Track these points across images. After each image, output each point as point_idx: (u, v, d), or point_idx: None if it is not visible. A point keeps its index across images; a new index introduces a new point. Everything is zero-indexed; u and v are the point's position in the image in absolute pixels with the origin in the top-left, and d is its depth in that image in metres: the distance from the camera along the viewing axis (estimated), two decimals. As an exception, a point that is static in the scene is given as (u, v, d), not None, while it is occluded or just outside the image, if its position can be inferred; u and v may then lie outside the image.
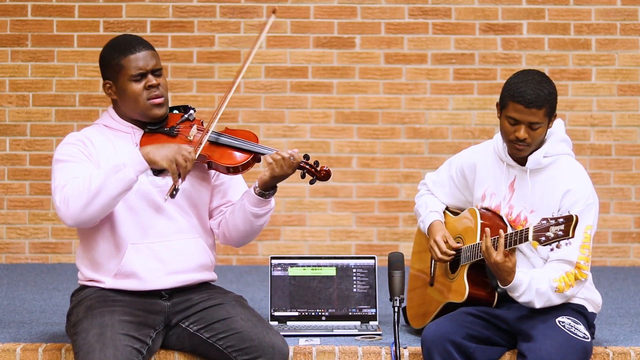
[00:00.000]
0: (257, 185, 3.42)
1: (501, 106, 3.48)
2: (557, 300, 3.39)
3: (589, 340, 3.38)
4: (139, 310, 3.33)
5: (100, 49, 3.60)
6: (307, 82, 6.31)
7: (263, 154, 3.42)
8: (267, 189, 3.40)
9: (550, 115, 3.46)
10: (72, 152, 3.36)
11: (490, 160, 3.65)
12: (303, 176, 3.44)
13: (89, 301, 3.34)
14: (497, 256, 3.30)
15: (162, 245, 3.39)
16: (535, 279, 3.35)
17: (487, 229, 3.37)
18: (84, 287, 3.46)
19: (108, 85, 3.47)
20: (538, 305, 3.37)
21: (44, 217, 6.27)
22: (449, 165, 3.83)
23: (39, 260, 6.25)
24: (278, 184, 3.44)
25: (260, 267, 6.04)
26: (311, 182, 3.44)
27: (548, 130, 3.51)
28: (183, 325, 3.41)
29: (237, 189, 3.56)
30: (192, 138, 3.42)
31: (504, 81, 3.53)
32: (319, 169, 3.42)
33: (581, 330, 3.39)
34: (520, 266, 3.51)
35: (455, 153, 3.92)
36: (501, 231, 3.35)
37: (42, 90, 6.30)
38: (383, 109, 6.32)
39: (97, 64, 6.18)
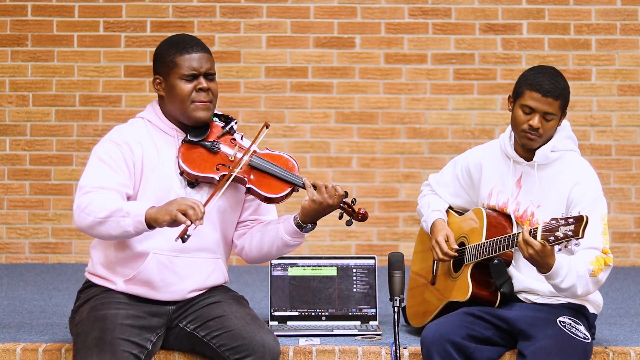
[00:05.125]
0: (298, 215, 3.39)
1: (515, 96, 3.51)
2: (592, 288, 3.37)
3: (589, 340, 3.38)
4: (142, 313, 3.32)
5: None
6: (307, 82, 6.31)
7: (303, 187, 3.37)
8: (306, 222, 3.38)
9: (563, 110, 3.49)
10: (114, 155, 3.32)
11: (497, 159, 3.66)
12: (341, 216, 3.43)
13: (94, 301, 3.33)
14: (536, 245, 3.22)
15: (184, 261, 3.37)
16: (573, 261, 3.32)
17: (526, 226, 3.35)
18: (92, 285, 3.43)
19: (158, 80, 3.41)
20: (580, 290, 3.33)
21: (44, 217, 6.27)
22: (453, 165, 3.83)
23: (39, 260, 6.25)
24: (318, 222, 3.41)
25: (260, 267, 6.03)
26: (348, 224, 3.43)
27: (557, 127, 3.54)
28: (181, 325, 3.41)
29: (268, 208, 3.54)
30: (232, 159, 3.38)
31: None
32: (356, 210, 3.41)
33: (582, 330, 3.39)
34: (523, 265, 3.51)
35: (455, 153, 3.92)
36: (525, 228, 3.32)
37: (42, 90, 6.30)
38: (383, 109, 6.32)
39: (97, 64, 6.18)
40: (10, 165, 6.28)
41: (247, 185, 3.38)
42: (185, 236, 3.11)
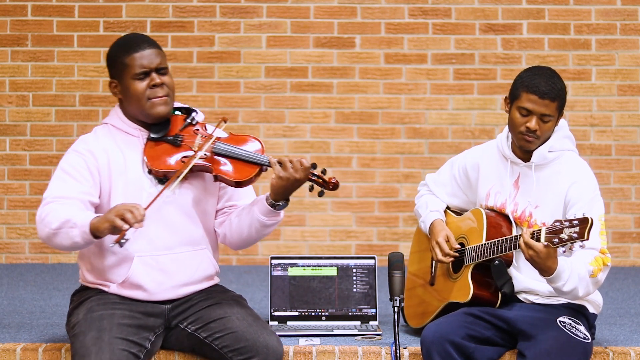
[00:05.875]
0: (269, 194, 3.39)
1: (512, 98, 3.50)
2: (592, 288, 3.36)
3: (589, 340, 3.38)
4: (138, 313, 3.32)
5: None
6: (307, 82, 6.31)
7: (269, 165, 3.37)
8: (278, 199, 3.37)
9: (560, 111, 3.49)
10: (76, 165, 3.35)
11: (494, 159, 3.66)
12: (311, 189, 3.40)
13: (90, 303, 3.34)
14: (538, 247, 3.18)
15: (169, 258, 3.38)
16: (574, 263, 3.30)
17: (525, 228, 3.33)
18: (85, 287, 3.45)
19: (114, 84, 3.43)
20: (581, 292, 3.31)
21: (44, 217, 6.26)
22: (451, 165, 3.83)
23: (39, 260, 6.24)
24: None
25: (260, 267, 6.04)
26: (320, 195, 3.40)
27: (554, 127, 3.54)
28: (181, 326, 3.41)
29: (243, 192, 3.54)
30: (196, 148, 3.39)
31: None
32: (327, 179, 3.39)
33: (582, 330, 3.39)
34: (523, 266, 3.51)
35: (455, 153, 3.92)
36: (525, 230, 3.30)
37: (42, 90, 6.30)
38: (383, 109, 6.32)
39: (97, 64, 6.18)
40: (10, 165, 6.28)
41: (214, 174, 3.38)
42: (123, 240, 3.09)
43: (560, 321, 3.39)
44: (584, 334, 3.38)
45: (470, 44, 6.29)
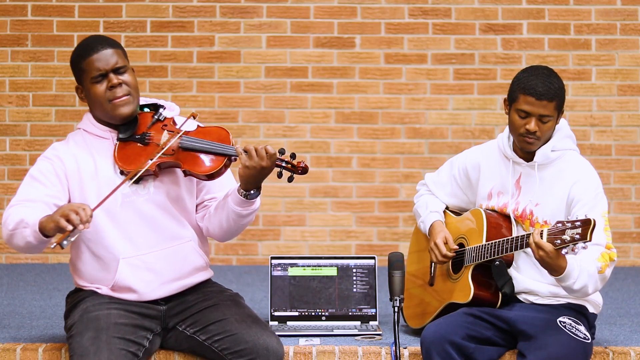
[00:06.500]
0: (239, 185, 3.34)
1: (511, 100, 3.49)
2: (600, 285, 3.34)
3: (589, 341, 3.38)
4: (134, 314, 3.32)
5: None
6: (307, 82, 6.31)
7: (237, 156, 3.31)
8: (248, 188, 3.31)
9: (559, 110, 3.48)
10: (44, 170, 3.36)
11: (495, 159, 3.65)
12: (280, 175, 3.33)
13: (85, 304, 3.33)
14: (547, 247, 3.17)
15: (154, 256, 3.36)
16: (583, 261, 3.28)
17: (536, 229, 3.32)
18: (79, 289, 3.45)
19: (79, 89, 3.41)
20: (591, 289, 3.30)
21: (44, 217, 6.26)
22: (450, 165, 3.83)
23: (39, 260, 6.24)
24: (265, 185, 3.35)
25: (260, 267, 6.04)
26: (289, 180, 3.33)
27: (555, 126, 3.53)
28: (180, 328, 3.41)
29: (220, 184, 3.48)
30: (163, 146, 3.36)
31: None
32: (295, 164, 3.32)
33: (582, 330, 3.39)
34: (523, 266, 3.51)
35: (455, 153, 3.92)
36: (536, 230, 3.27)
37: (42, 90, 6.30)
38: (383, 109, 6.32)
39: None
40: (10, 165, 6.28)
41: (183, 169, 3.35)
42: (65, 241, 3.04)
43: (560, 321, 3.39)
44: (584, 334, 3.38)
45: (470, 44, 6.29)
